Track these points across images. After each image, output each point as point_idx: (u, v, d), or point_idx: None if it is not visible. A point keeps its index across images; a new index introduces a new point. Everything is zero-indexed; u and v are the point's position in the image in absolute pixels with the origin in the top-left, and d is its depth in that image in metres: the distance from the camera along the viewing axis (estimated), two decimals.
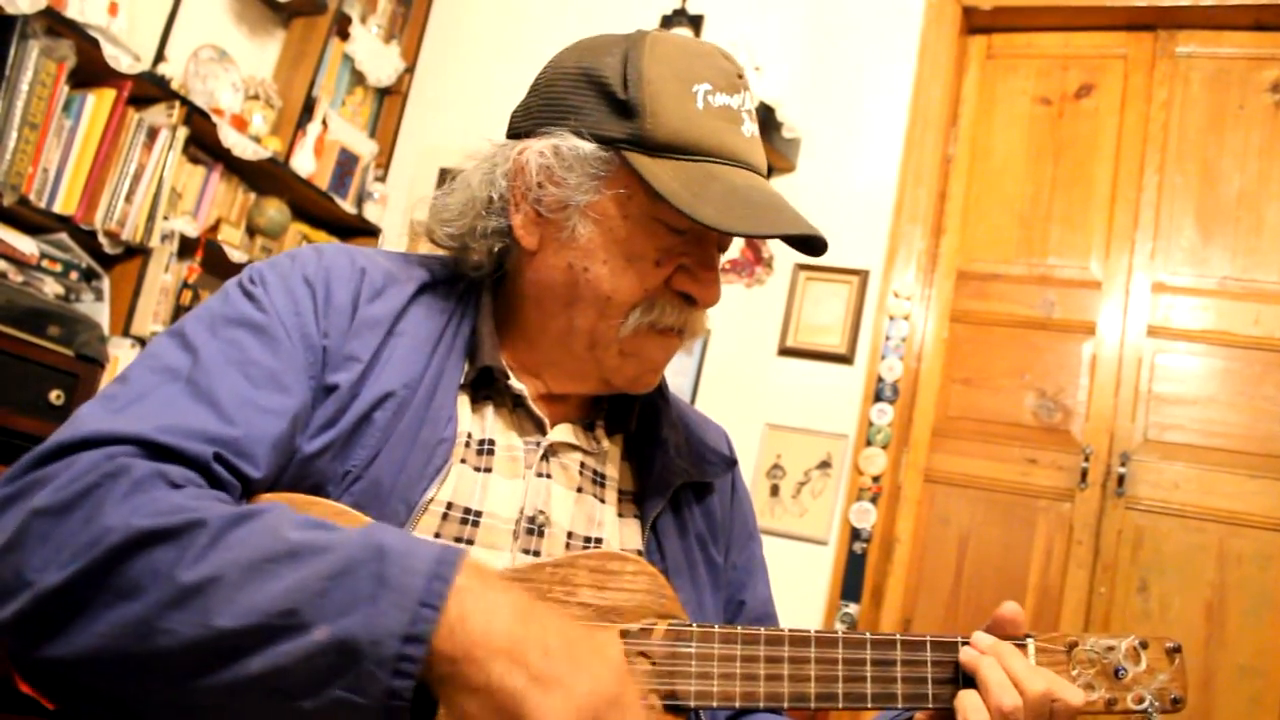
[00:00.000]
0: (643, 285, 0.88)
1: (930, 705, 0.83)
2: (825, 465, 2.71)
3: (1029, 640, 0.86)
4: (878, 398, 2.72)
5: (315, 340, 0.84)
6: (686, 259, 0.89)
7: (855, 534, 2.64)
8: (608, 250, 0.87)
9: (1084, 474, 2.57)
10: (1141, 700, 0.87)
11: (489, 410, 0.91)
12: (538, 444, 0.91)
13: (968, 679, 0.83)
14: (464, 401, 0.90)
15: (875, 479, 2.66)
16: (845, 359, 2.77)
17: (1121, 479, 2.53)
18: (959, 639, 0.85)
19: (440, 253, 0.98)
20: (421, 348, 0.88)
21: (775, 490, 2.74)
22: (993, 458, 2.68)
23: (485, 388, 0.91)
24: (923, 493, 2.74)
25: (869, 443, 2.69)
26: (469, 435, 0.88)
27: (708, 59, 0.89)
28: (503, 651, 0.62)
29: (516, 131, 0.93)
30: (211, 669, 0.61)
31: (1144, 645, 0.88)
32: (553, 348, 0.92)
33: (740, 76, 0.90)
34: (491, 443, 0.89)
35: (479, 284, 0.95)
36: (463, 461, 0.86)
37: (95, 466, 0.68)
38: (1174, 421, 2.55)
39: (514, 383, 0.91)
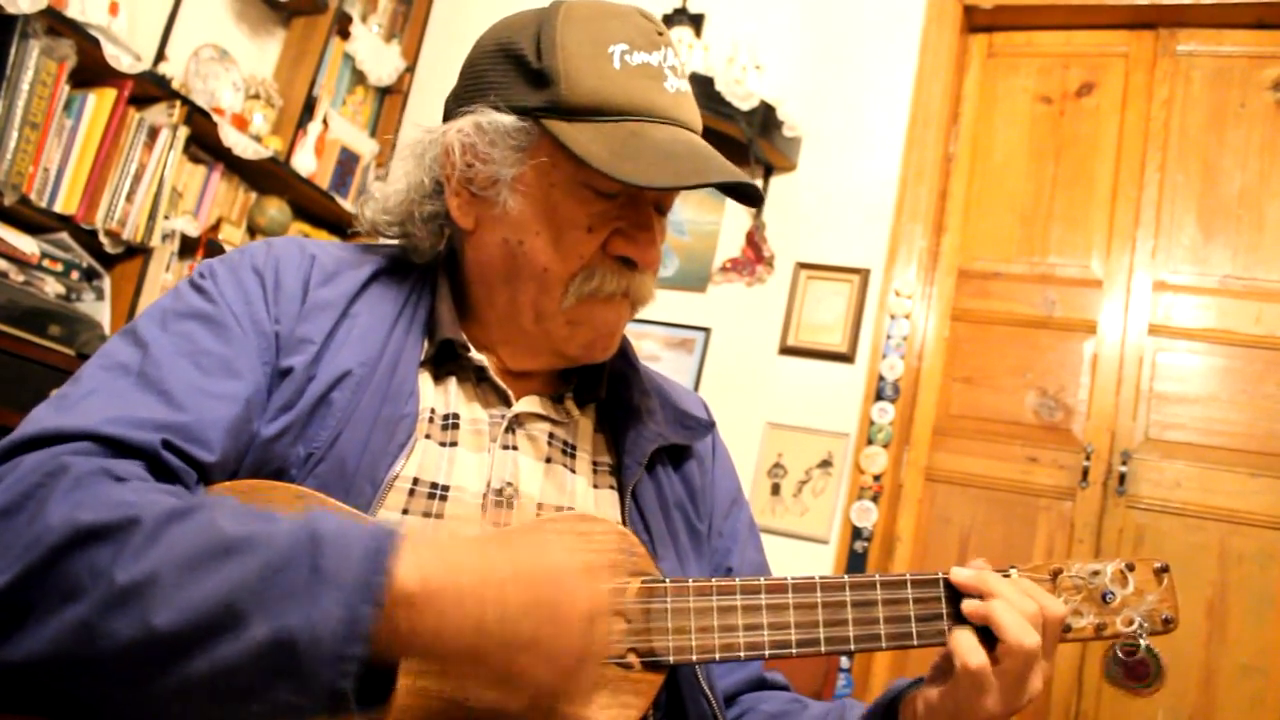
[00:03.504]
0: (578, 253, 0.86)
1: (916, 644, 0.82)
2: (826, 464, 2.71)
3: (1011, 571, 0.84)
4: (879, 396, 2.72)
5: (266, 326, 0.84)
6: (621, 222, 0.87)
7: (856, 533, 2.64)
8: (539, 222, 0.87)
9: (1085, 473, 2.57)
10: (1131, 622, 0.84)
11: (452, 384, 0.91)
12: (502, 416, 0.91)
13: (955, 615, 0.81)
14: (426, 378, 0.89)
15: (876, 478, 2.66)
16: (846, 358, 2.77)
17: (1123, 478, 2.53)
18: (939, 575, 0.83)
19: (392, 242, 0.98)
20: (379, 327, 0.88)
21: (776, 489, 2.74)
22: (994, 456, 2.68)
23: (447, 362, 0.91)
24: (924, 491, 2.73)
25: (870, 441, 2.69)
26: (432, 410, 0.88)
27: (623, 19, 0.87)
28: (459, 622, 0.62)
29: (447, 115, 0.93)
30: (156, 670, 0.61)
31: (1130, 568, 0.86)
32: (503, 325, 0.92)
33: (661, 34, 0.88)
34: (456, 417, 0.89)
35: (434, 266, 0.95)
36: (427, 437, 0.86)
37: (39, 466, 0.68)
38: (1175, 420, 2.55)
39: (474, 355, 0.91)
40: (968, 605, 0.80)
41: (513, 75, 0.87)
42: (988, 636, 0.79)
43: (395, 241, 0.97)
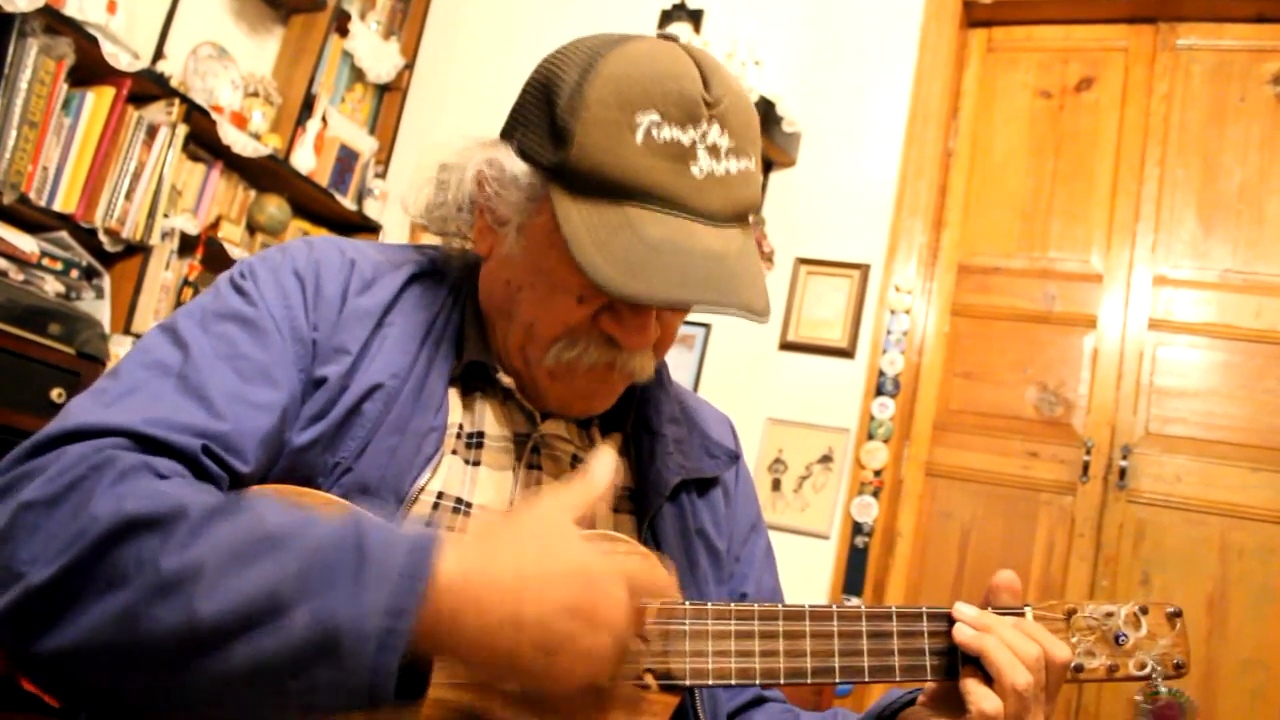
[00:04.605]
0: (563, 320, 0.84)
1: (929, 678, 0.82)
2: (827, 459, 2.71)
3: (1026, 609, 0.84)
4: (879, 392, 2.72)
5: (305, 333, 0.84)
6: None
7: (857, 528, 2.64)
8: (535, 275, 0.84)
9: (1085, 467, 2.57)
10: (1144, 666, 0.85)
11: (479, 402, 0.90)
12: (527, 436, 0.91)
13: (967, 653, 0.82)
14: (454, 394, 0.89)
15: (877, 473, 2.66)
16: (846, 353, 2.77)
17: (1123, 472, 2.53)
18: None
19: (434, 241, 0.97)
20: (411, 338, 0.87)
21: (777, 485, 2.74)
22: (994, 451, 2.68)
23: (475, 379, 0.91)
24: (924, 487, 2.73)
25: (870, 437, 2.69)
26: (460, 427, 0.88)
27: (671, 81, 0.78)
28: (499, 621, 0.63)
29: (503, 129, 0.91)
30: (197, 658, 0.61)
31: (1144, 611, 0.86)
32: (504, 352, 0.91)
33: (710, 105, 0.79)
34: (481, 435, 0.89)
35: (464, 281, 0.94)
36: (453, 453, 0.86)
37: (83, 458, 0.68)
38: (1175, 415, 2.55)
39: (502, 376, 0.90)
40: (961, 634, 0.81)
41: (540, 118, 0.81)
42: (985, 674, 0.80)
43: (434, 239, 0.97)
